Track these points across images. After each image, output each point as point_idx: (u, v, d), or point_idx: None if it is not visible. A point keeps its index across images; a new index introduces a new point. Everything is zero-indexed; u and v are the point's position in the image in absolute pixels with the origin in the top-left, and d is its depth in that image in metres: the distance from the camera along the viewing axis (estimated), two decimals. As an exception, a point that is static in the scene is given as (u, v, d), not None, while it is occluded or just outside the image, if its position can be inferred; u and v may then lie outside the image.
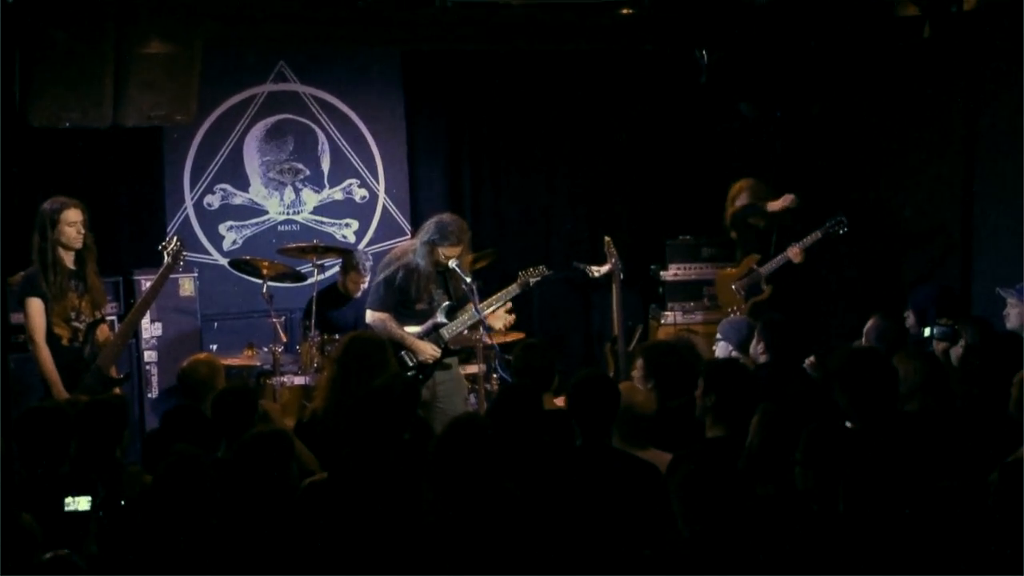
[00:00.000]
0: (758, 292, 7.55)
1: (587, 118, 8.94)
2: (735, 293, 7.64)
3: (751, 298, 7.55)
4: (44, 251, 5.91)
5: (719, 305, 7.87)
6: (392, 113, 8.67)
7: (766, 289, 7.52)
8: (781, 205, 7.47)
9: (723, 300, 7.80)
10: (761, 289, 7.54)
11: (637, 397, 4.63)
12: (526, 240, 8.88)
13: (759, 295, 7.53)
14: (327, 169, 8.58)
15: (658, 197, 8.96)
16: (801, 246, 7.35)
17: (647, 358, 5.21)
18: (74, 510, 3.78)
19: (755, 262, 7.58)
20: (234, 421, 4.83)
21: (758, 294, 7.54)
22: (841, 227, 7.33)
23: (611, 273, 7.75)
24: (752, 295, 7.56)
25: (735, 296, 7.62)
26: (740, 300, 7.58)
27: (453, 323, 6.36)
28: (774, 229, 7.57)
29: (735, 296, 7.62)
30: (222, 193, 8.36)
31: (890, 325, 5.66)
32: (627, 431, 4.49)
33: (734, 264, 7.86)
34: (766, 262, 7.54)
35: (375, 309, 6.36)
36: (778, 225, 7.57)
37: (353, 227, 8.65)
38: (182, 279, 7.71)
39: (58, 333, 5.94)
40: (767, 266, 7.50)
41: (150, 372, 7.64)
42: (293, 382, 7.01)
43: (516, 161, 9.00)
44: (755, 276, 7.55)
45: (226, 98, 8.27)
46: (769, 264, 7.49)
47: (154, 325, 7.64)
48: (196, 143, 8.23)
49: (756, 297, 7.54)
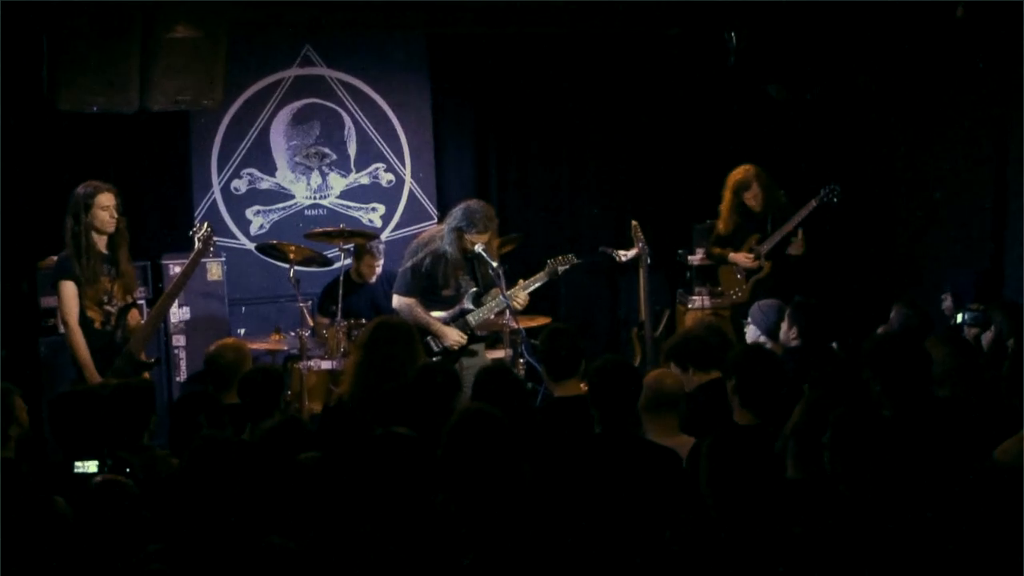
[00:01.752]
0: (758, 270, 7.53)
1: (614, 102, 8.89)
2: (735, 275, 7.62)
3: (752, 277, 7.53)
4: (77, 235, 5.95)
5: (722, 291, 7.86)
6: (418, 97, 8.65)
7: (766, 265, 7.49)
8: (743, 260, 7.51)
9: (725, 285, 7.80)
10: (761, 267, 7.51)
11: (667, 381, 4.61)
12: (552, 224, 8.86)
13: (759, 273, 7.51)
14: (353, 153, 8.58)
15: (685, 181, 8.90)
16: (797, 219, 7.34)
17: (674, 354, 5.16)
18: (83, 472, 3.82)
19: (755, 241, 7.56)
20: (260, 403, 4.86)
21: (758, 272, 7.52)
22: (835, 195, 7.34)
23: (638, 257, 7.73)
24: (752, 274, 7.54)
25: (736, 279, 7.61)
26: (741, 282, 7.59)
27: (480, 309, 6.36)
28: (769, 211, 7.54)
29: (736, 279, 7.61)
30: (249, 178, 8.37)
31: (913, 313, 5.61)
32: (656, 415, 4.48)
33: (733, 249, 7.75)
34: (764, 240, 7.53)
35: (401, 294, 6.38)
36: (776, 206, 7.54)
37: (379, 212, 8.65)
38: (210, 264, 7.73)
39: (91, 317, 5.98)
40: (765, 244, 7.49)
41: (178, 356, 7.67)
42: (320, 366, 7.02)
43: (542, 145, 8.97)
44: (756, 252, 7.53)
45: (253, 82, 8.28)
46: (767, 241, 7.48)
47: (182, 309, 7.67)
48: (223, 128, 8.25)
49: (756, 276, 7.53)
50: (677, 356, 5.11)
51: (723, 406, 4.52)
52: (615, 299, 8.96)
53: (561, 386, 4.90)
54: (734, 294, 7.56)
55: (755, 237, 7.57)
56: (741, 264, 7.55)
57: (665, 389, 4.53)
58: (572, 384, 4.91)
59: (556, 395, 4.92)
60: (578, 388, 4.92)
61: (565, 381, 4.89)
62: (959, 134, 7.43)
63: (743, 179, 7.52)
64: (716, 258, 7.80)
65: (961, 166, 7.45)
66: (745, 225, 7.60)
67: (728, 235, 7.64)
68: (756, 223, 7.57)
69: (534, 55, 8.68)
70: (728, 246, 7.68)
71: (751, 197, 7.50)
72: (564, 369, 4.88)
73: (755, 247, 7.54)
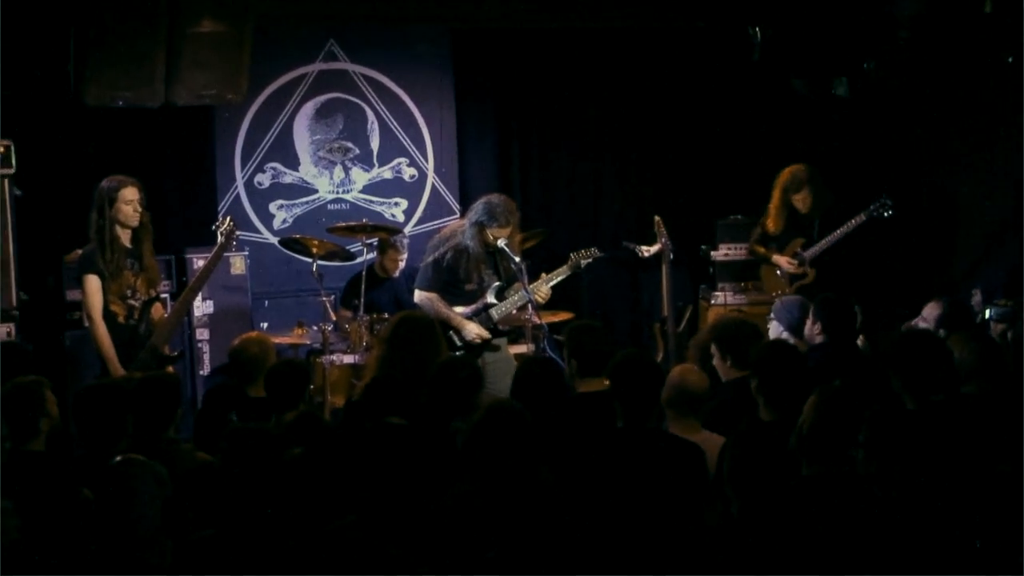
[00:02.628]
0: (802, 276, 7.41)
1: (637, 96, 8.87)
2: (779, 277, 7.51)
3: (795, 282, 7.42)
4: (102, 229, 5.97)
5: (763, 289, 7.76)
6: (441, 91, 8.65)
7: (810, 272, 7.37)
8: (786, 264, 7.35)
9: (768, 285, 7.70)
10: (806, 273, 7.39)
11: (690, 377, 4.59)
12: (575, 219, 8.85)
13: (803, 279, 7.40)
14: (376, 148, 8.59)
15: (709, 176, 8.88)
16: (845, 230, 7.20)
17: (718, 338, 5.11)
18: None
19: (800, 245, 7.43)
20: (286, 396, 4.88)
21: (802, 278, 7.41)
22: (886, 209, 7.16)
23: (660, 253, 7.70)
24: (796, 279, 7.44)
25: (779, 280, 7.50)
26: (785, 284, 7.46)
27: (502, 303, 6.37)
28: (817, 214, 7.41)
29: (779, 280, 7.50)
30: (272, 172, 8.40)
31: (952, 312, 5.56)
32: (681, 411, 4.47)
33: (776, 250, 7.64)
34: (810, 246, 7.38)
35: (423, 289, 6.38)
36: (823, 209, 7.40)
37: (402, 206, 8.66)
38: (233, 257, 7.76)
39: (114, 311, 6.00)
40: (812, 249, 7.35)
41: (202, 350, 7.71)
42: (342, 361, 7.04)
43: (565, 140, 8.96)
44: (800, 258, 7.41)
45: (276, 77, 8.30)
46: (813, 248, 7.34)
47: (206, 303, 7.71)
48: (247, 122, 8.27)
49: (800, 281, 7.40)
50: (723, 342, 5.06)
51: (751, 402, 4.51)
52: (637, 294, 8.94)
53: (585, 382, 4.90)
54: (777, 296, 7.40)
55: (800, 241, 7.41)
56: (783, 268, 7.40)
57: (688, 387, 4.51)
58: (596, 380, 4.90)
59: (580, 390, 4.91)
60: (601, 384, 4.91)
61: (591, 378, 4.88)
62: (988, 129, 7.38)
63: (794, 179, 7.35)
64: (759, 256, 7.66)
65: (991, 161, 7.40)
66: (790, 226, 7.46)
67: (773, 235, 7.49)
68: (802, 226, 7.40)
69: (557, 50, 8.67)
70: (771, 244, 7.53)
71: (800, 199, 7.32)
72: (592, 366, 4.87)
73: (799, 253, 7.39)
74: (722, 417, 4.59)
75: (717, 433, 4.44)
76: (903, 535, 3.41)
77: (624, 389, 4.25)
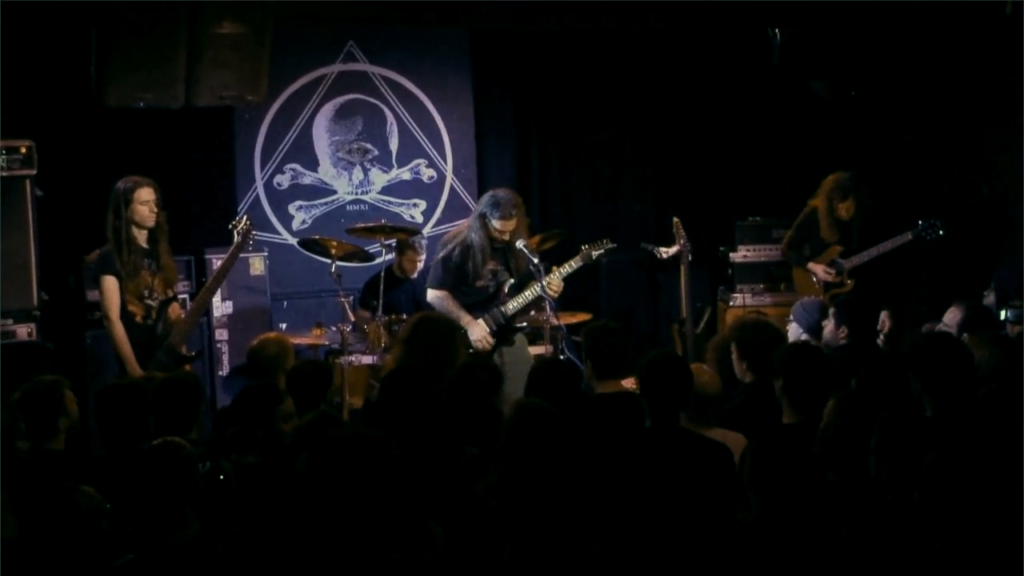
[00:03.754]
0: (840, 285, 7.18)
1: (656, 98, 8.86)
2: (814, 283, 7.28)
3: (831, 290, 7.16)
4: (118, 229, 6.00)
5: (796, 292, 7.59)
6: (460, 93, 8.66)
7: (848, 283, 7.13)
8: (822, 273, 7.19)
9: (800, 288, 7.45)
10: (844, 283, 7.16)
11: (702, 378, 4.59)
12: (594, 220, 8.84)
13: (841, 288, 7.15)
14: (395, 149, 8.61)
15: (728, 178, 8.86)
16: (890, 246, 6.99)
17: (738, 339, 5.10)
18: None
19: (837, 254, 7.20)
20: (308, 396, 4.89)
21: (840, 287, 7.18)
22: (935, 231, 6.94)
23: (679, 254, 7.68)
24: (832, 287, 7.20)
25: (814, 287, 7.26)
26: (819, 291, 7.20)
27: (516, 298, 6.37)
28: (857, 223, 7.16)
29: (814, 287, 7.26)
30: (292, 173, 8.42)
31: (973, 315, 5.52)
32: (693, 412, 4.47)
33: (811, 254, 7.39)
34: (849, 254, 7.14)
35: (433, 287, 6.42)
36: (864, 218, 7.16)
37: (421, 207, 8.68)
38: (252, 258, 7.79)
39: (132, 311, 6.02)
40: (852, 259, 7.11)
41: (221, 350, 7.74)
42: (361, 361, 7.05)
43: (584, 141, 8.95)
44: (838, 267, 7.18)
45: (296, 78, 8.33)
46: (854, 258, 7.10)
47: (225, 303, 7.73)
48: (266, 123, 8.30)
49: (837, 290, 7.14)
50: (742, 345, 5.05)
51: (767, 406, 4.49)
52: (656, 296, 8.92)
53: (603, 383, 4.89)
54: None
55: (837, 249, 7.18)
56: (819, 276, 7.19)
57: (700, 388, 4.50)
58: (613, 381, 4.89)
59: (597, 391, 4.91)
60: (619, 385, 4.91)
61: (608, 379, 4.87)
62: (1006, 130, 7.33)
63: (840, 187, 7.10)
64: (792, 260, 7.48)
65: (1009, 162, 7.35)
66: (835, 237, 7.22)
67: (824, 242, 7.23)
68: (840, 233, 7.18)
69: (576, 51, 8.67)
70: (805, 247, 7.34)
71: (845, 208, 7.08)
72: (611, 367, 4.86)
73: (837, 261, 7.17)
74: (738, 419, 4.58)
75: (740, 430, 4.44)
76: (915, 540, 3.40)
77: (654, 389, 4.24)
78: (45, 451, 4.29)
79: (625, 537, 3.71)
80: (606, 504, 3.82)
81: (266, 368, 5.41)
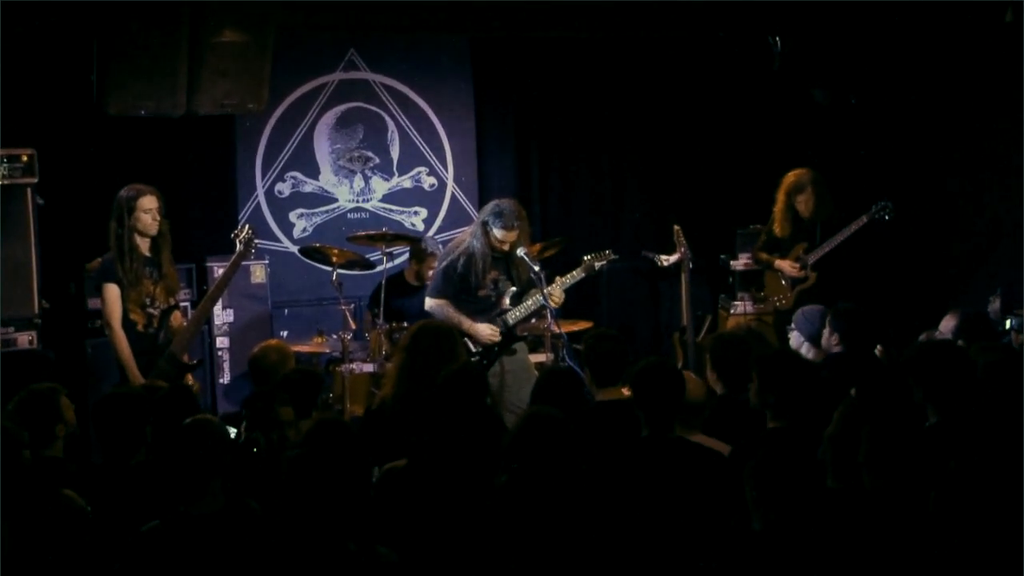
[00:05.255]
0: (803, 280, 7.40)
1: (657, 106, 8.87)
2: (780, 282, 7.49)
3: (797, 286, 7.40)
4: (120, 238, 6.01)
5: (765, 296, 7.76)
6: (461, 101, 8.68)
7: (811, 276, 7.36)
8: (789, 268, 7.36)
9: (770, 290, 7.69)
10: (807, 277, 7.38)
11: (688, 384, 4.59)
12: (595, 229, 8.85)
13: (804, 283, 7.39)
14: (396, 157, 8.62)
15: (729, 186, 8.86)
16: (846, 233, 7.21)
17: (712, 350, 5.15)
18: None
19: (802, 250, 7.41)
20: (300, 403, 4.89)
21: (803, 281, 7.40)
22: (887, 212, 7.20)
23: (680, 262, 7.70)
24: (798, 283, 7.42)
25: (781, 285, 7.49)
26: (786, 289, 7.45)
27: (518, 307, 6.37)
28: (818, 218, 7.38)
29: (781, 285, 7.49)
30: (293, 181, 8.43)
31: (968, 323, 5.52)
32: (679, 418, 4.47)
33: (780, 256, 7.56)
34: (812, 250, 7.36)
35: (433, 296, 6.40)
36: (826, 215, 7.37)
37: (422, 215, 8.68)
38: (253, 266, 7.80)
39: (133, 319, 6.03)
40: (813, 253, 7.33)
41: (222, 358, 7.74)
42: (362, 369, 7.05)
43: (585, 149, 8.97)
44: (802, 262, 7.39)
45: (297, 86, 8.34)
46: (815, 251, 7.32)
47: (226, 312, 7.74)
48: (267, 131, 8.32)
49: (801, 285, 7.39)
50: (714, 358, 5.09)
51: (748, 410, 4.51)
52: (657, 304, 8.92)
53: (604, 391, 4.89)
54: (778, 301, 7.46)
55: (802, 246, 7.42)
56: (787, 272, 7.42)
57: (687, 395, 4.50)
58: (614, 389, 4.90)
59: (597, 399, 4.91)
60: (620, 392, 4.91)
61: (608, 387, 4.87)
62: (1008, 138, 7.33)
63: (797, 182, 7.36)
64: (762, 263, 7.69)
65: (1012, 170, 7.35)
66: (794, 232, 7.46)
67: (780, 239, 7.48)
68: (805, 231, 7.41)
69: (577, 59, 8.68)
70: (776, 251, 7.54)
71: (802, 201, 7.33)
72: (609, 374, 4.87)
73: (802, 256, 7.39)
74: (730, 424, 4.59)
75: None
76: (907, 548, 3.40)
77: (647, 397, 4.24)
78: (43, 458, 4.29)
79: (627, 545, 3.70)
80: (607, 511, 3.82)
81: (267, 376, 5.41)
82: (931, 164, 7.97)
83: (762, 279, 7.91)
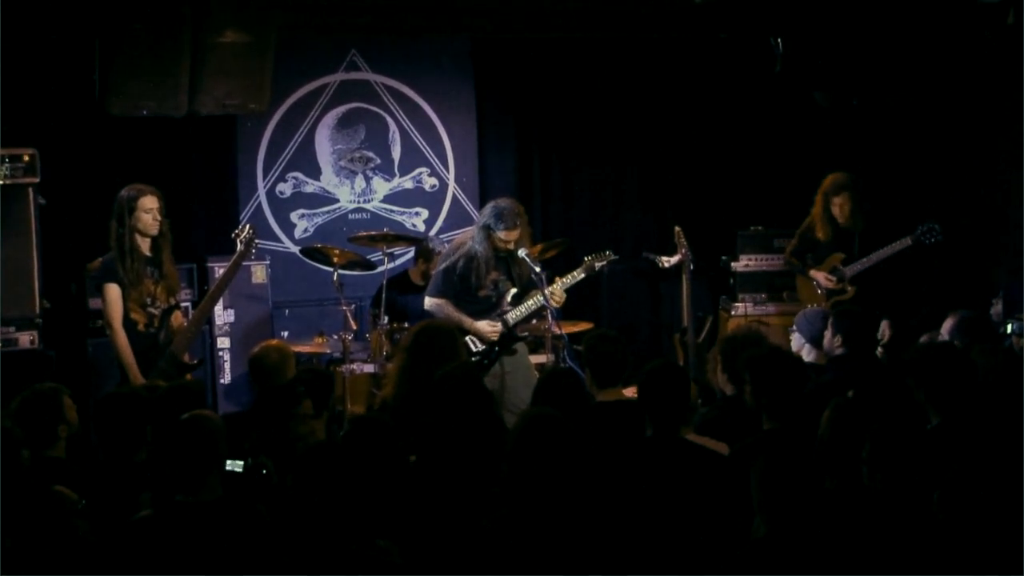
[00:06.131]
0: (841, 292, 7.18)
1: (658, 107, 8.87)
2: (815, 290, 7.30)
3: (832, 297, 7.16)
4: (121, 237, 6.01)
5: (799, 300, 7.58)
6: (462, 102, 8.68)
7: (850, 290, 7.13)
8: (824, 280, 7.18)
9: (804, 297, 7.51)
10: (845, 290, 7.17)
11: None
12: (596, 230, 8.85)
13: (843, 295, 7.14)
14: (398, 158, 8.62)
15: (730, 187, 8.87)
16: (889, 251, 7.00)
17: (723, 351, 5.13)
18: (231, 470, 3.94)
19: (839, 261, 7.21)
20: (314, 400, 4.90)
21: (841, 294, 7.17)
22: (933, 235, 6.95)
23: (681, 264, 7.69)
24: (834, 294, 7.18)
25: (816, 294, 7.29)
26: (821, 298, 7.23)
27: (518, 307, 6.37)
28: (855, 227, 7.16)
29: (816, 294, 7.29)
30: (294, 181, 8.44)
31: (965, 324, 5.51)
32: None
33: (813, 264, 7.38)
34: (850, 261, 7.14)
35: (433, 295, 6.41)
36: (864, 224, 7.17)
37: (423, 216, 8.69)
38: (254, 266, 7.80)
39: (134, 319, 6.03)
40: (853, 266, 7.11)
41: (223, 358, 7.74)
42: (362, 370, 7.06)
43: (586, 150, 8.97)
44: (839, 274, 7.18)
45: (299, 87, 8.35)
46: (855, 265, 7.11)
47: (227, 312, 7.74)
48: (269, 132, 8.32)
49: (838, 297, 7.14)
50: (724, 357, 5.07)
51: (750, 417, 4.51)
52: (657, 305, 8.93)
53: (604, 391, 4.90)
54: None
55: (839, 256, 7.18)
56: (821, 283, 7.19)
57: None
58: (613, 390, 4.90)
59: (598, 400, 4.91)
60: (620, 393, 4.91)
61: (608, 387, 4.88)
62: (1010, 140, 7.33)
63: (835, 182, 7.13)
64: (795, 268, 7.49)
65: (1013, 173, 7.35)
66: (833, 238, 7.21)
67: (819, 243, 7.25)
68: (842, 240, 7.17)
69: (578, 60, 8.68)
70: (807, 255, 7.34)
71: (838, 204, 7.09)
72: (609, 375, 4.87)
73: (839, 268, 7.17)
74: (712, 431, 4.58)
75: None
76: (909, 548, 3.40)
77: (654, 398, 4.26)
78: (45, 458, 4.30)
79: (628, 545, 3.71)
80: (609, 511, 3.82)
81: (267, 376, 5.40)
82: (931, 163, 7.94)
83: (778, 283, 7.82)
